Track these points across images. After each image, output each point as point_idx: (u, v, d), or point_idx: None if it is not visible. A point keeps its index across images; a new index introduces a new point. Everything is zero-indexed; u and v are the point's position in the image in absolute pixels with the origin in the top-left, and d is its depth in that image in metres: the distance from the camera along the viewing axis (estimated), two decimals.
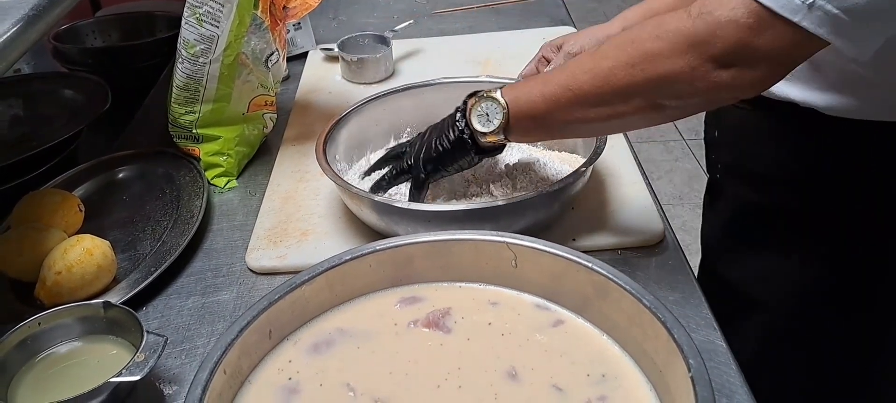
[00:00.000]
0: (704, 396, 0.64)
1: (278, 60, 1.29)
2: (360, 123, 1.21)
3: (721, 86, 0.77)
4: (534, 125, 0.93)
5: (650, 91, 0.81)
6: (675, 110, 0.83)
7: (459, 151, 0.98)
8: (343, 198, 1.09)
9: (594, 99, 0.85)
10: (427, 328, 0.83)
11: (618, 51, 0.82)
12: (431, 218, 0.97)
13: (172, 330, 0.95)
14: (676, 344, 0.69)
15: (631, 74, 0.81)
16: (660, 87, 0.80)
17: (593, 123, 0.89)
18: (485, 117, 0.95)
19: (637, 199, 1.09)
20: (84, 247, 0.98)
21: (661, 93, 0.81)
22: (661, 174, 3.28)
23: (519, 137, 0.96)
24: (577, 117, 0.88)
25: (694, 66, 0.76)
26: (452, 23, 1.86)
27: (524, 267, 0.85)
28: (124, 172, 1.29)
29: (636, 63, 0.80)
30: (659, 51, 0.78)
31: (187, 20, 1.15)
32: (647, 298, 0.74)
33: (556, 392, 0.74)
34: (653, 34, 0.79)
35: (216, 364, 0.71)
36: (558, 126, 0.92)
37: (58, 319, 0.88)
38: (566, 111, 0.88)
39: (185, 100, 1.21)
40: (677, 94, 0.80)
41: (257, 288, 1.01)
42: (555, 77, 0.89)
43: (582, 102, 0.86)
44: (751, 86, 0.78)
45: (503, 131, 0.94)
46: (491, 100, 0.94)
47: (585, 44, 1.20)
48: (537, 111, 0.91)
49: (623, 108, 0.84)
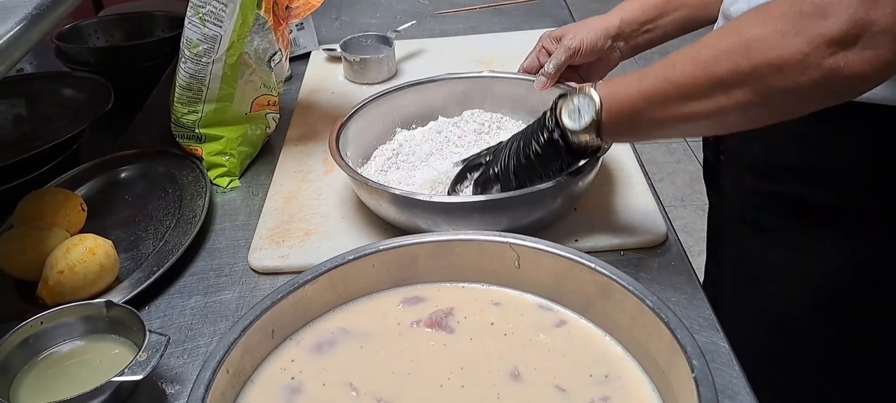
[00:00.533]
0: (708, 397, 0.64)
1: (281, 60, 1.29)
2: (371, 119, 1.21)
3: (837, 73, 0.70)
4: (628, 123, 0.88)
5: (755, 80, 0.74)
6: (779, 105, 0.77)
7: (550, 154, 0.94)
8: (359, 193, 1.09)
9: (694, 91, 0.79)
10: (430, 328, 0.83)
11: (719, 39, 0.77)
12: (451, 210, 0.97)
13: (175, 329, 0.95)
14: (679, 345, 0.69)
15: (734, 62, 0.75)
16: (766, 76, 0.73)
17: (691, 121, 0.82)
18: (576, 113, 0.90)
19: (640, 200, 1.09)
20: (86, 247, 0.98)
21: (766, 83, 0.74)
22: (664, 175, 3.28)
23: (612, 135, 0.91)
24: (675, 114, 0.82)
25: (804, 50, 0.70)
26: (455, 23, 1.86)
27: (527, 267, 0.85)
28: (127, 172, 1.29)
29: (739, 50, 0.74)
30: (764, 35, 0.72)
31: (190, 20, 1.15)
32: (650, 299, 0.74)
33: (559, 393, 0.74)
34: (756, 19, 0.74)
35: (219, 364, 0.71)
36: (655, 124, 0.86)
37: (60, 318, 0.88)
38: (664, 107, 0.82)
39: (188, 100, 1.21)
40: (784, 84, 0.73)
41: (260, 288, 1.01)
42: (652, 71, 0.84)
43: (681, 95, 0.80)
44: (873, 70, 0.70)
45: (596, 130, 0.89)
46: (583, 96, 0.89)
47: (585, 36, 1.21)
48: (634, 107, 0.85)
49: (725, 102, 0.78)
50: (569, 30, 1.24)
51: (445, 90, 1.24)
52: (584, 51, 1.21)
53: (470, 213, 0.97)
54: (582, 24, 1.25)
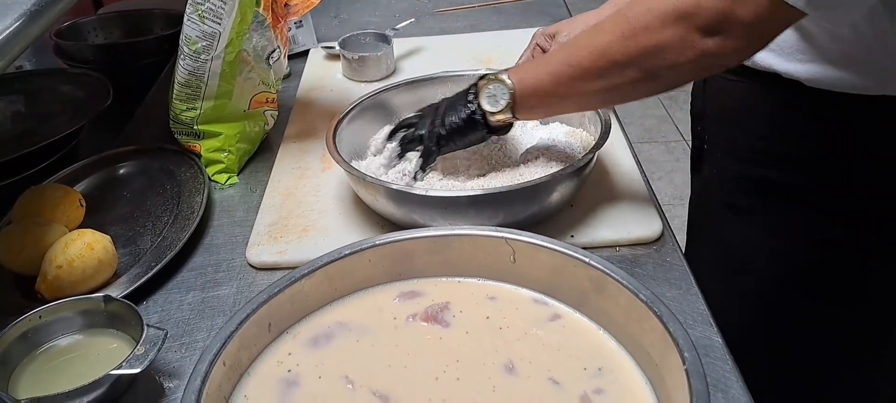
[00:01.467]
0: (699, 389, 0.65)
1: (280, 58, 1.29)
2: (366, 117, 1.22)
3: (707, 53, 0.83)
4: (538, 102, 0.99)
5: (643, 61, 0.87)
6: (667, 79, 0.89)
7: (470, 129, 1.03)
8: (356, 188, 1.10)
9: (593, 72, 0.91)
10: (426, 322, 0.83)
11: (613, 26, 0.88)
12: (448, 205, 0.99)
13: (172, 324, 0.96)
14: (672, 338, 0.70)
15: (625, 46, 0.87)
16: (652, 57, 0.86)
17: (594, 96, 0.95)
18: (493, 98, 1.00)
19: (636, 197, 1.10)
20: (85, 242, 0.99)
21: (653, 62, 0.86)
22: (662, 174, 3.29)
23: (526, 114, 1.01)
24: (578, 91, 0.94)
25: (682, 36, 0.82)
26: (453, 21, 1.86)
27: (522, 262, 0.86)
28: (125, 168, 1.30)
29: (629, 35, 0.86)
30: (650, 23, 0.84)
31: (189, 17, 1.15)
32: (644, 293, 0.75)
33: (553, 386, 0.75)
34: (644, 9, 0.85)
35: (216, 356, 0.72)
36: (561, 101, 0.98)
37: (59, 312, 0.88)
38: (568, 85, 0.94)
39: (187, 97, 1.21)
40: (668, 63, 0.86)
41: (257, 284, 1.02)
42: (555, 55, 0.97)
43: (582, 76, 0.92)
44: (734, 53, 0.84)
45: (511, 110, 0.99)
46: (498, 82, 0.99)
47: (578, 32, 1.23)
48: (541, 88, 0.97)
49: (620, 80, 0.90)
50: (563, 26, 1.27)
51: (443, 88, 1.25)
52: None
53: (466, 208, 0.98)
54: (576, 20, 1.27)
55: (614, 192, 1.10)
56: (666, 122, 3.65)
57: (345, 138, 1.15)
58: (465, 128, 1.03)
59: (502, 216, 0.97)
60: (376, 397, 0.75)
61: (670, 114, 3.69)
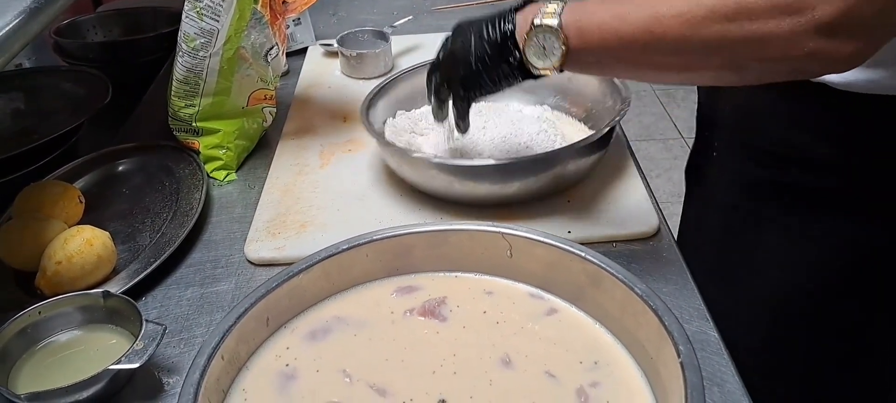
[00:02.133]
0: (694, 382, 0.65)
1: (278, 55, 1.30)
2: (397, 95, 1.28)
3: (816, 55, 0.72)
4: (596, 61, 0.85)
5: (738, 49, 0.75)
6: (754, 73, 0.78)
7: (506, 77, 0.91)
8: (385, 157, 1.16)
9: (676, 46, 0.77)
10: (423, 316, 0.84)
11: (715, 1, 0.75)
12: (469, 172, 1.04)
13: (171, 319, 0.96)
14: (667, 332, 0.70)
15: (725, 28, 0.74)
16: (751, 47, 0.74)
17: (663, 72, 0.83)
18: (541, 52, 0.85)
19: (633, 193, 1.10)
20: (84, 238, 0.99)
21: (750, 53, 0.75)
22: (661, 172, 3.29)
23: (575, 69, 0.87)
24: (649, 62, 0.81)
25: (794, 30, 0.71)
26: (451, 19, 1.84)
27: (519, 256, 0.86)
28: (124, 165, 1.30)
29: (733, 17, 0.73)
30: (761, 7, 0.71)
31: (187, 14, 1.15)
32: (639, 287, 0.75)
33: (550, 379, 0.75)
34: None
35: (214, 350, 0.72)
36: (623, 67, 0.86)
37: (58, 308, 0.89)
38: (640, 54, 0.80)
39: (185, 94, 1.22)
40: (765, 57, 0.74)
41: (256, 279, 1.02)
42: (634, 14, 0.79)
43: (660, 49, 0.79)
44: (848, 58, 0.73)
45: (559, 67, 0.85)
46: (550, 34, 0.83)
47: None
48: (606, 47, 0.82)
49: (703, 63, 0.79)
50: None
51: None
52: None
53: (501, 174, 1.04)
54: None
55: (611, 188, 1.11)
56: (664, 120, 3.65)
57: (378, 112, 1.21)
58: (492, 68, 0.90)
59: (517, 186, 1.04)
60: (374, 390, 0.75)
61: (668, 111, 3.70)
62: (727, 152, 1.17)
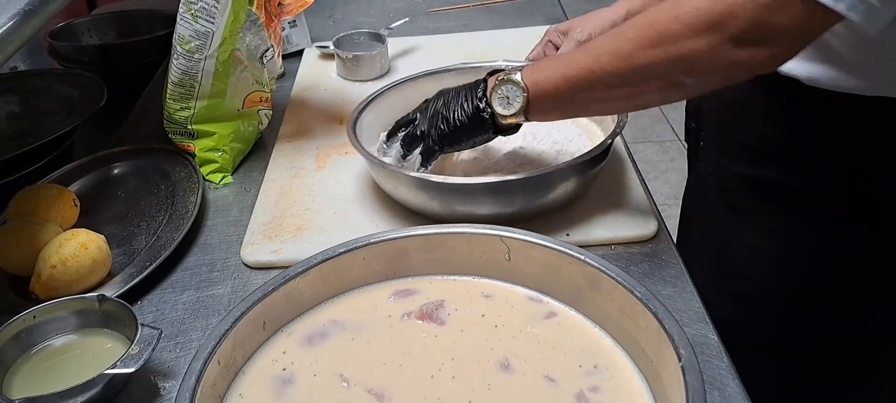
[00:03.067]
0: (694, 386, 0.65)
1: (273, 57, 1.29)
2: (382, 109, 1.23)
3: (738, 63, 0.79)
4: (553, 106, 0.95)
5: (670, 71, 0.83)
6: (692, 87, 0.86)
7: (478, 129, 1.00)
8: (376, 178, 1.12)
9: (616, 79, 0.86)
10: (421, 320, 0.83)
11: (638, 32, 0.84)
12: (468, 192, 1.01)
13: (167, 323, 0.95)
14: (667, 335, 0.70)
15: (652, 55, 0.82)
16: (679, 67, 0.82)
17: (612, 103, 0.92)
18: (505, 100, 0.96)
19: (631, 196, 1.10)
20: (79, 242, 0.99)
21: (680, 72, 0.82)
22: (657, 174, 3.29)
23: (538, 117, 0.97)
24: (597, 97, 0.90)
25: (713, 46, 0.78)
26: (447, 21, 1.86)
27: (517, 259, 0.85)
28: (120, 168, 1.29)
29: (657, 44, 0.81)
30: (679, 32, 0.79)
31: (182, 16, 1.15)
32: (639, 290, 0.75)
33: (549, 383, 0.75)
34: (672, 15, 0.80)
35: (210, 354, 0.72)
36: (577, 107, 0.95)
37: (53, 312, 0.88)
38: (587, 92, 0.90)
39: (181, 96, 1.21)
40: (696, 73, 0.82)
41: (252, 283, 1.02)
42: (576, 59, 0.90)
43: (604, 83, 0.88)
44: (767, 62, 0.79)
45: (524, 113, 0.95)
46: (512, 84, 0.95)
47: (593, 29, 1.23)
48: (559, 93, 0.92)
49: (643, 88, 0.86)
50: (576, 23, 1.27)
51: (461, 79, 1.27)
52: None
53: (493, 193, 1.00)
54: (588, 18, 1.27)
55: (609, 191, 1.10)
56: (660, 122, 3.65)
57: (364, 128, 1.17)
58: (470, 127, 1.00)
59: (520, 203, 1.01)
60: (371, 395, 0.75)
61: (664, 113, 3.69)
62: (711, 146, 1.18)
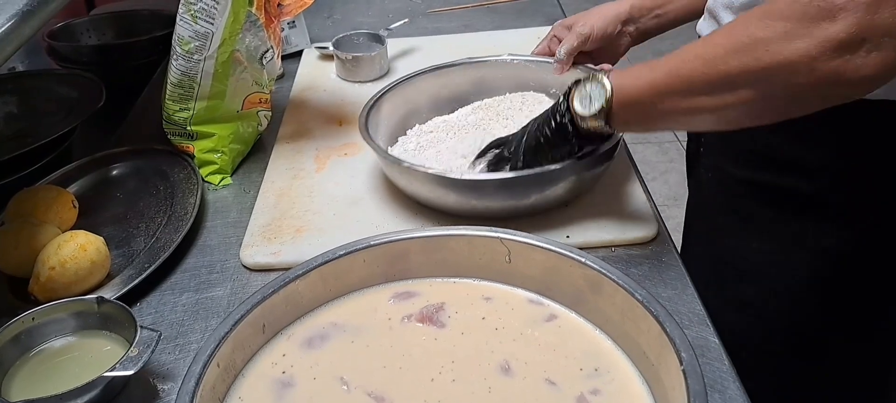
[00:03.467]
0: (696, 389, 0.64)
1: (273, 58, 1.29)
2: (396, 102, 1.24)
3: (842, 75, 0.71)
4: (637, 112, 0.90)
5: (761, 80, 0.76)
6: (783, 103, 0.79)
7: (560, 138, 0.97)
8: (390, 174, 1.12)
9: (701, 87, 0.81)
10: (421, 322, 0.83)
11: (728, 37, 0.78)
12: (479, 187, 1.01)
13: (166, 325, 0.95)
14: (668, 338, 0.69)
15: (741, 61, 0.76)
16: (773, 76, 0.75)
17: (697, 115, 0.85)
18: (587, 99, 0.92)
19: (631, 198, 1.09)
20: (78, 243, 0.98)
21: (771, 82, 0.76)
22: (657, 175, 3.29)
23: (621, 125, 0.93)
24: (682, 107, 0.84)
25: (811, 53, 0.71)
26: (447, 21, 1.86)
27: (518, 262, 0.85)
28: (119, 169, 1.29)
29: (747, 49, 0.75)
30: (771, 35, 0.73)
31: (182, 17, 1.15)
32: (640, 293, 0.75)
33: (549, 386, 0.74)
34: (763, 18, 0.75)
35: (209, 357, 0.72)
36: (661, 116, 0.88)
37: (52, 314, 0.88)
38: (671, 99, 0.84)
39: (180, 97, 1.21)
40: (789, 85, 0.75)
41: (251, 285, 1.01)
42: (662, 64, 0.85)
43: (689, 90, 0.82)
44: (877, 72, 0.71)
45: (605, 117, 0.91)
46: (595, 82, 0.91)
47: (595, 23, 1.24)
48: (642, 97, 0.87)
49: (730, 99, 0.79)
50: (580, 17, 1.28)
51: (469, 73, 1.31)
52: (594, 37, 1.26)
53: (499, 190, 1.01)
54: (592, 12, 1.27)
55: (609, 193, 1.10)
56: None
57: (383, 119, 1.18)
58: (554, 139, 0.97)
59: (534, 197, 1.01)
60: (371, 398, 0.74)
61: None
62: (712, 150, 1.17)
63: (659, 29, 1.27)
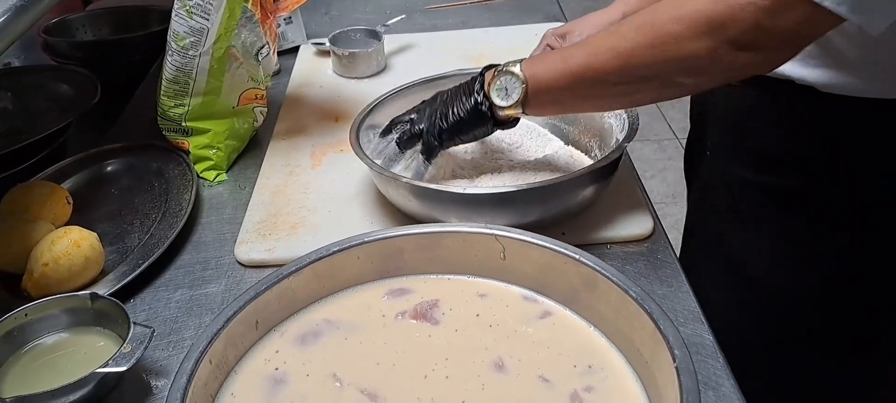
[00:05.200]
0: (689, 386, 0.64)
1: (269, 54, 1.28)
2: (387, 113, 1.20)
3: (736, 66, 0.79)
4: (551, 100, 0.95)
5: (668, 72, 0.83)
6: (687, 87, 0.87)
7: (477, 122, 1.00)
8: (380, 186, 1.10)
9: (614, 77, 0.87)
10: (415, 319, 0.83)
11: (637, 33, 0.84)
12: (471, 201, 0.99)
13: (160, 322, 0.95)
14: (662, 335, 0.69)
15: (651, 56, 0.82)
16: (678, 68, 0.82)
17: (608, 99, 0.94)
18: (504, 91, 0.96)
19: (627, 195, 1.09)
20: (71, 239, 0.98)
21: (678, 73, 0.83)
22: (655, 173, 3.28)
23: (536, 111, 0.98)
24: (594, 94, 0.92)
25: (713, 49, 0.78)
26: (445, 18, 1.86)
27: (512, 259, 0.85)
28: (113, 165, 1.29)
29: (656, 45, 0.82)
30: (678, 33, 0.79)
31: (177, 12, 1.14)
32: (634, 290, 0.74)
33: (543, 383, 0.74)
34: (672, 16, 0.80)
35: (202, 354, 0.71)
36: (575, 101, 0.96)
37: (45, 310, 0.88)
38: (585, 88, 0.90)
39: (175, 93, 1.21)
40: (694, 74, 0.83)
41: (246, 281, 1.01)
42: (575, 55, 0.90)
43: (601, 81, 0.88)
44: (765, 64, 0.81)
45: (521, 105, 0.96)
46: (510, 75, 0.95)
47: (589, 32, 1.22)
48: (557, 86, 0.93)
49: (641, 87, 0.87)
50: (573, 26, 1.26)
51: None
52: None
53: (491, 205, 0.98)
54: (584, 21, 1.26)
55: (606, 190, 1.10)
56: (658, 120, 3.65)
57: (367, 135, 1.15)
58: (470, 121, 1.00)
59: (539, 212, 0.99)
60: (364, 395, 0.74)
61: (662, 111, 3.69)
62: (720, 153, 1.17)
63: None
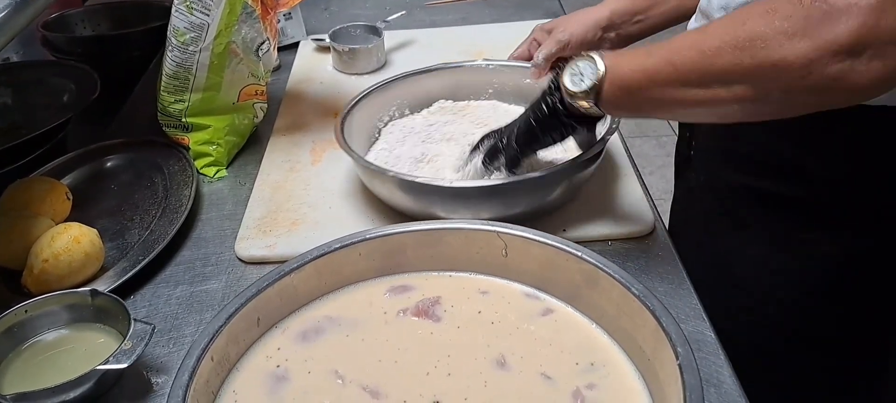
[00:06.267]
0: (692, 383, 0.64)
1: (269, 50, 1.28)
2: (372, 106, 1.22)
3: (840, 79, 0.68)
4: (627, 96, 0.86)
5: (756, 78, 0.73)
6: (777, 104, 0.76)
7: (551, 119, 0.94)
8: (367, 181, 1.09)
9: (695, 78, 0.78)
10: (417, 316, 0.83)
11: (725, 31, 0.75)
12: (458, 195, 0.98)
13: (160, 318, 0.95)
14: (664, 332, 0.69)
15: (737, 57, 0.73)
16: (767, 76, 0.72)
17: (689, 107, 0.82)
18: (578, 76, 0.88)
19: (628, 192, 1.09)
20: (71, 235, 0.98)
21: (766, 82, 0.73)
22: (654, 169, 3.28)
23: (610, 109, 0.90)
24: (674, 97, 0.81)
25: (809, 55, 0.68)
26: (445, 14, 1.85)
27: (514, 256, 0.85)
28: (113, 161, 1.28)
29: (744, 46, 0.73)
30: (769, 34, 0.71)
31: (177, 8, 1.14)
32: (636, 287, 0.74)
33: (545, 381, 0.74)
34: (764, 15, 0.72)
35: (203, 351, 0.71)
36: (653, 103, 0.85)
37: (45, 307, 0.87)
38: (663, 88, 0.81)
39: (175, 89, 1.20)
40: (785, 86, 0.72)
41: (246, 278, 1.01)
42: (657, 50, 0.82)
43: (682, 81, 0.79)
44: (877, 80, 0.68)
45: (595, 97, 0.87)
46: (588, 59, 0.87)
47: (575, 29, 1.23)
48: (634, 81, 0.84)
49: (723, 94, 0.77)
50: (560, 22, 1.26)
51: (442, 80, 1.27)
52: (573, 43, 1.23)
53: (480, 198, 0.98)
54: (572, 17, 1.26)
55: (606, 187, 1.10)
56: None
57: (352, 129, 1.15)
58: (543, 120, 0.94)
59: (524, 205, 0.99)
60: (366, 392, 0.74)
61: None
62: (705, 154, 1.16)
63: (641, 35, 1.25)
